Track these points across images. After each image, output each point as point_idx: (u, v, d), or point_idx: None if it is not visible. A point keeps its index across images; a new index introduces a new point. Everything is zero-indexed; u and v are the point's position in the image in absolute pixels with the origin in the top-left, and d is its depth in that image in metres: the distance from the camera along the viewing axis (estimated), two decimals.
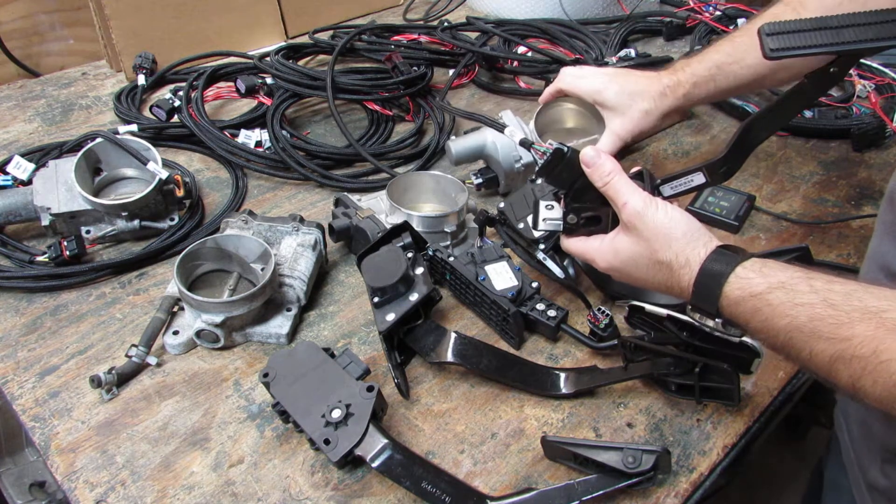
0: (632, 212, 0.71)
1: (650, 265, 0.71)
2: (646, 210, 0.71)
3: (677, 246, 0.69)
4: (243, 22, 1.64)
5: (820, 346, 0.58)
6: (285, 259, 0.97)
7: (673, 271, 0.69)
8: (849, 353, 0.56)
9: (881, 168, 1.28)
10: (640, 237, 0.71)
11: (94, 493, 0.76)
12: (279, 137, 1.25)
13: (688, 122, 1.43)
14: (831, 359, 0.57)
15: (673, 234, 0.69)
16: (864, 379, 0.55)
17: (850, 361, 0.56)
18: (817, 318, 0.58)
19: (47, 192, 1.05)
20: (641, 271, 0.73)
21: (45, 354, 0.92)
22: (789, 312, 0.60)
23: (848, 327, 0.56)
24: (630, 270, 0.74)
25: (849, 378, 0.56)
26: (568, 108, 1.21)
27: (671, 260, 0.69)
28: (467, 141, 1.16)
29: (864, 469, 0.82)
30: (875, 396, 0.55)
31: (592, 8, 1.81)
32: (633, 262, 0.73)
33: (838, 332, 0.57)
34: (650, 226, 0.70)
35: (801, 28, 0.71)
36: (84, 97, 1.50)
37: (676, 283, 0.69)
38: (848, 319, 0.57)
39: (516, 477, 0.78)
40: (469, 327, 0.97)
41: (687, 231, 0.70)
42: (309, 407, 0.76)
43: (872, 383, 0.55)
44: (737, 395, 0.78)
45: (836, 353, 0.57)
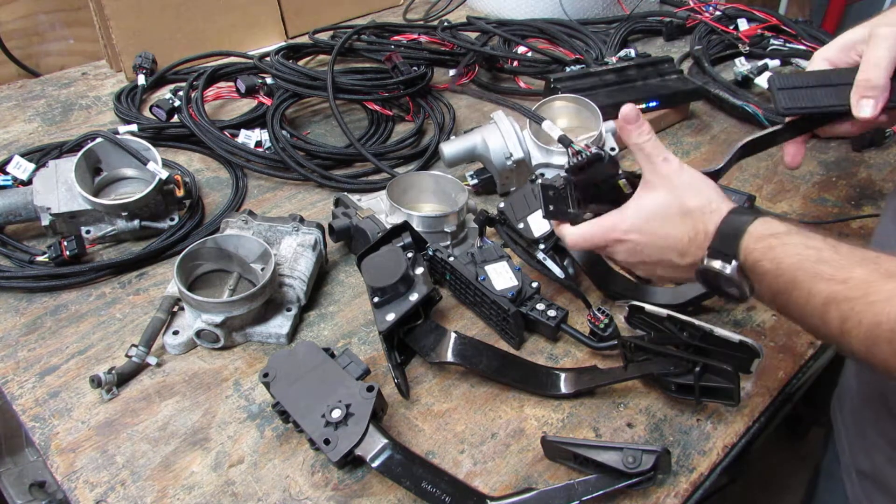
0: (670, 164, 0.72)
1: (678, 214, 0.71)
2: (681, 166, 0.73)
3: (709, 193, 0.70)
4: (243, 22, 1.64)
5: (819, 286, 0.60)
6: (285, 259, 0.97)
7: (703, 214, 0.69)
8: (842, 294, 0.58)
9: (881, 168, 1.28)
10: (673, 186, 0.72)
11: (94, 493, 0.76)
12: (279, 137, 1.25)
13: (688, 122, 1.43)
14: (826, 300, 0.59)
15: (706, 185, 0.72)
16: (851, 320, 0.57)
17: (842, 303, 0.58)
18: (823, 260, 0.60)
19: (47, 192, 1.05)
20: (667, 224, 0.72)
21: (45, 354, 0.92)
22: (800, 252, 0.62)
23: (847, 270, 0.59)
24: (655, 227, 0.73)
25: (838, 319, 0.58)
26: (563, 106, 1.22)
27: (702, 205, 0.70)
28: (459, 143, 1.17)
29: (855, 455, 0.83)
30: (859, 338, 0.56)
31: (592, 8, 1.81)
32: (661, 214, 0.72)
33: (837, 274, 0.59)
34: (685, 177, 0.72)
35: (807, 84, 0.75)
36: (84, 97, 1.50)
37: (703, 227, 0.69)
38: (848, 264, 0.59)
39: (516, 477, 0.78)
40: (469, 327, 0.97)
41: (717, 189, 0.72)
42: (309, 407, 0.76)
43: (857, 324, 0.56)
44: (737, 395, 0.78)
45: (830, 293, 0.59)
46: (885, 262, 0.58)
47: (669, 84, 1.39)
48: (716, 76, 1.48)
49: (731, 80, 1.48)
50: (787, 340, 0.94)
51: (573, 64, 1.48)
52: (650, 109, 1.37)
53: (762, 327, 0.96)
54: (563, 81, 1.34)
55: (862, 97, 0.72)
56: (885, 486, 0.78)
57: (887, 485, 0.77)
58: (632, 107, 0.75)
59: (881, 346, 0.55)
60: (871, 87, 0.71)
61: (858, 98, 0.72)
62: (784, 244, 0.63)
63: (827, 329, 0.60)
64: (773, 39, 1.62)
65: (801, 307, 0.62)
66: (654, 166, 0.73)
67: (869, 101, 0.71)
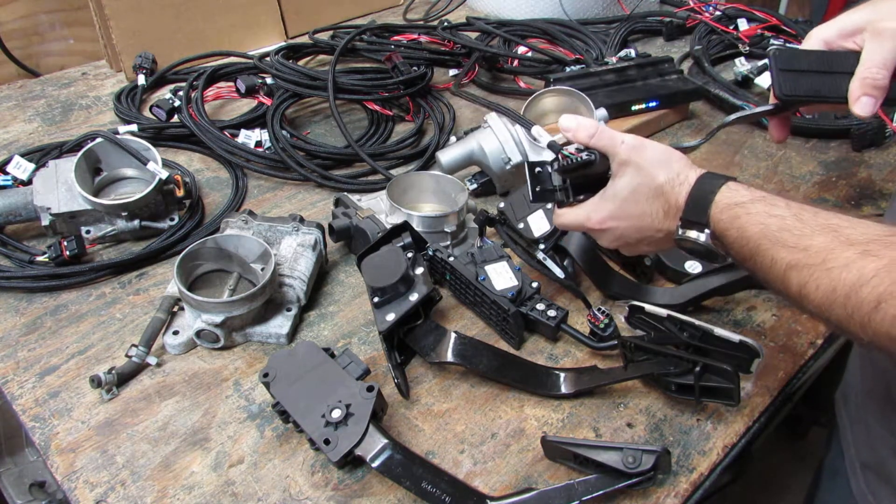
0: (630, 146, 0.75)
1: (649, 193, 0.73)
2: (642, 143, 0.75)
3: (677, 167, 0.73)
4: (243, 22, 1.64)
5: (781, 253, 0.63)
6: (285, 259, 0.97)
7: (673, 188, 0.72)
8: (803, 261, 0.61)
9: (881, 168, 1.28)
10: (639, 167, 0.74)
11: (94, 493, 0.76)
12: (279, 137, 1.25)
13: (688, 122, 1.43)
14: (787, 266, 0.62)
15: (672, 157, 0.74)
16: (809, 284, 0.60)
17: (802, 269, 0.61)
18: (785, 228, 0.63)
19: (47, 192, 1.05)
20: (641, 204, 0.74)
21: (45, 354, 0.92)
22: (763, 221, 0.65)
23: (808, 238, 0.61)
24: (629, 210, 0.75)
25: (797, 285, 0.61)
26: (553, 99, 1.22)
27: (672, 178, 0.72)
28: (455, 150, 1.17)
29: (859, 448, 0.84)
30: (816, 302, 0.60)
31: (592, 8, 1.81)
32: (632, 198, 0.74)
33: (799, 242, 0.62)
34: (649, 154, 0.74)
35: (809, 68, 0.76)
36: (84, 97, 1.50)
37: (674, 201, 0.72)
38: (810, 231, 0.62)
39: (516, 477, 0.78)
40: (469, 327, 0.97)
41: (682, 158, 0.74)
42: (309, 407, 0.76)
43: (815, 288, 0.59)
44: (737, 395, 0.77)
45: (792, 260, 0.62)
46: (846, 230, 0.60)
47: (669, 84, 1.39)
48: (716, 76, 1.48)
49: (731, 80, 1.48)
50: (787, 340, 0.94)
51: (573, 64, 1.48)
52: (650, 109, 1.37)
53: (762, 327, 0.96)
54: (562, 81, 1.34)
55: (863, 94, 0.72)
56: (889, 479, 0.78)
57: (891, 477, 0.78)
58: (564, 118, 0.78)
59: (836, 309, 0.58)
60: (875, 86, 0.71)
61: (860, 94, 0.72)
62: (749, 213, 0.66)
63: (788, 293, 0.63)
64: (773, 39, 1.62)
65: (765, 272, 0.65)
66: (616, 153, 0.75)
67: (870, 99, 0.72)
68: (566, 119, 0.78)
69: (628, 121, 1.34)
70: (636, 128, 1.35)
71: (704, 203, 0.69)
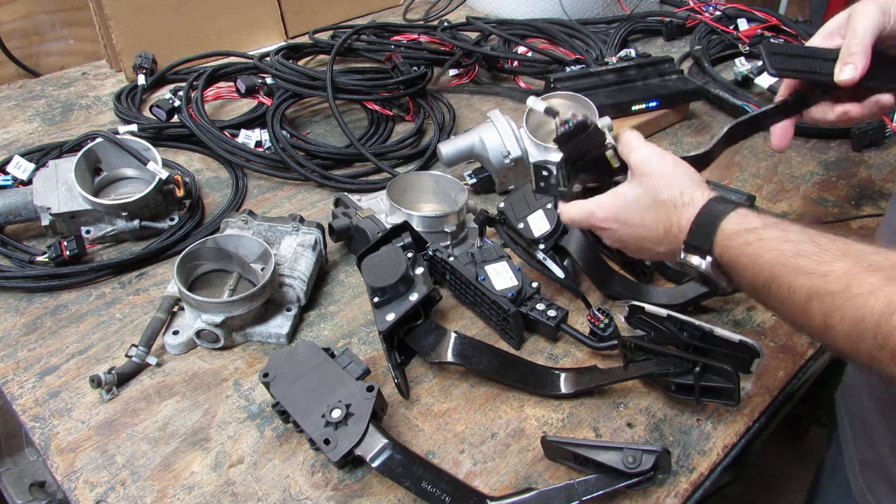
0: (641, 156, 0.73)
1: (651, 205, 0.72)
2: (653, 155, 0.73)
3: (682, 185, 0.71)
4: (243, 22, 1.64)
5: (800, 280, 0.59)
6: (285, 259, 0.97)
7: (676, 208, 0.70)
8: (824, 288, 0.57)
9: (881, 168, 1.28)
10: (645, 178, 0.72)
11: (94, 493, 0.76)
12: (279, 137, 1.25)
13: (688, 122, 1.43)
14: (808, 294, 0.58)
15: (679, 176, 0.72)
16: (834, 314, 0.56)
17: (824, 297, 0.57)
18: (802, 253, 0.60)
19: (47, 192, 1.05)
20: (642, 214, 0.73)
21: (45, 354, 0.92)
22: (777, 247, 0.62)
23: (828, 264, 0.58)
24: (629, 216, 0.74)
25: (821, 314, 0.57)
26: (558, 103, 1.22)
27: (674, 197, 0.70)
28: (457, 143, 1.17)
29: (859, 446, 0.84)
30: (842, 333, 0.56)
31: (592, 8, 1.81)
32: (634, 206, 0.73)
33: (818, 268, 0.58)
34: (658, 167, 0.72)
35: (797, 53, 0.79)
36: (84, 97, 1.50)
37: (676, 221, 0.70)
38: (830, 257, 0.58)
39: (516, 477, 0.78)
40: (469, 327, 0.97)
41: (692, 177, 0.72)
42: (309, 407, 0.76)
43: (840, 318, 0.55)
44: (737, 395, 0.78)
45: (812, 288, 0.58)
46: (869, 255, 0.57)
47: (669, 84, 1.39)
48: (716, 76, 1.48)
49: (731, 80, 1.48)
50: (787, 340, 0.94)
51: (573, 64, 1.48)
52: (650, 109, 1.37)
53: (762, 327, 0.96)
54: (563, 81, 1.34)
55: (844, 64, 0.75)
56: (889, 477, 0.78)
57: (891, 475, 0.77)
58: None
59: (866, 340, 0.54)
60: (850, 53, 0.74)
61: (841, 66, 0.75)
62: (760, 239, 0.63)
63: (810, 324, 0.59)
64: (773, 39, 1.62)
65: (782, 302, 0.62)
66: (629, 158, 0.75)
67: (848, 66, 0.74)
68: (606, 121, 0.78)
69: (628, 121, 1.34)
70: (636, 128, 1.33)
71: (709, 229, 0.67)
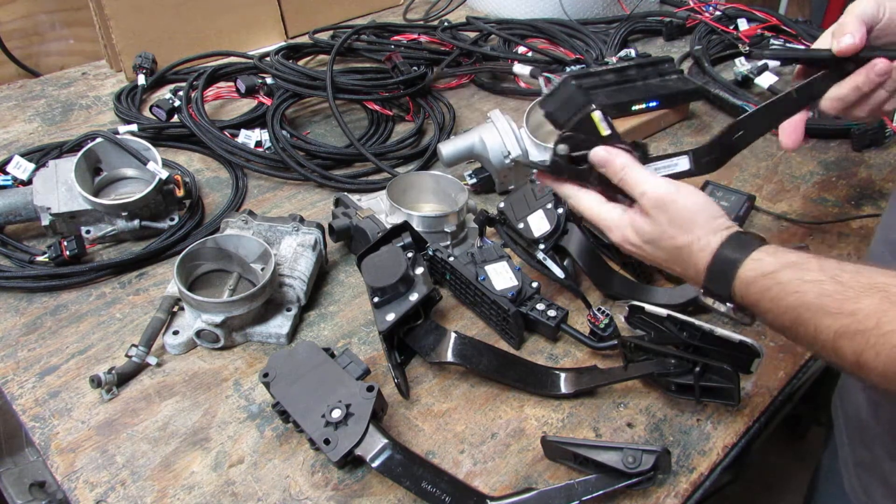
0: (652, 199, 0.71)
1: (669, 248, 0.71)
2: (667, 195, 0.70)
3: (699, 230, 0.69)
4: (243, 22, 1.64)
5: (826, 321, 0.58)
6: (285, 259, 0.97)
7: (692, 254, 0.69)
8: (853, 327, 0.56)
9: (881, 168, 1.28)
10: (661, 221, 0.71)
11: (94, 493, 0.76)
12: (279, 137, 1.25)
13: (688, 122, 1.43)
14: (836, 334, 0.57)
15: (697, 220, 0.70)
16: (867, 352, 0.55)
17: (854, 336, 0.56)
18: (825, 293, 0.58)
19: (47, 192, 1.05)
20: (659, 252, 0.72)
21: (45, 354, 0.92)
22: (798, 289, 0.60)
23: (853, 302, 0.56)
24: (647, 250, 0.73)
25: (853, 353, 0.56)
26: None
27: (691, 242, 0.69)
28: (457, 143, 1.17)
29: (854, 447, 0.83)
30: (878, 371, 0.55)
31: (592, 8, 1.81)
32: (651, 243, 0.72)
33: (844, 307, 0.57)
34: (673, 210, 0.70)
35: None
36: (84, 97, 1.50)
37: (694, 266, 0.69)
38: (854, 294, 0.57)
39: (516, 477, 0.78)
40: (469, 327, 0.97)
41: (710, 216, 0.70)
42: (309, 407, 0.76)
43: (875, 356, 0.54)
44: (737, 395, 0.78)
45: (840, 327, 0.57)
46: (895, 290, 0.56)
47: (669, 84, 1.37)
48: (716, 76, 1.48)
49: (731, 80, 1.48)
50: (787, 340, 0.94)
51: (573, 64, 1.48)
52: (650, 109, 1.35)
53: (762, 327, 0.96)
54: None
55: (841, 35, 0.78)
56: (884, 478, 0.78)
57: (886, 476, 0.77)
58: (599, 149, 0.76)
59: None
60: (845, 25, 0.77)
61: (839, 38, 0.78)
62: (779, 283, 0.62)
63: (842, 362, 0.58)
64: (773, 39, 1.62)
65: (810, 342, 0.61)
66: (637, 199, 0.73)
67: (846, 35, 0.77)
68: (597, 152, 0.76)
69: (628, 121, 1.33)
70: (636, 128, 1.35)
71: (726, 278, 0.66)
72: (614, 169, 0.74)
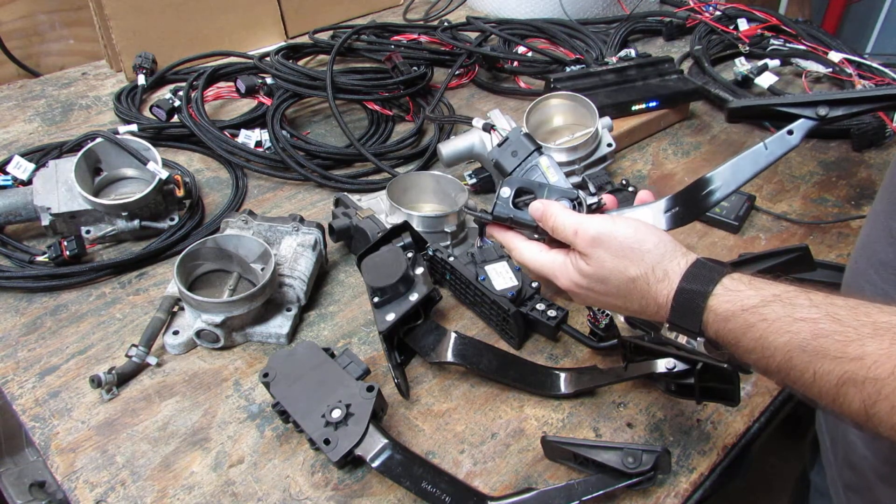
0: (586, 238, 0.66)
1: (622, 284, 0.64)
2: (603, 229, 0.65)
3: (651, 258, 0.63)
4: (243, 22, 1.64)
5: (826, 366, 0.52)
6: (285, 259, 0.97)
7: (649, 286, 0.63)
8: (861, 374, 0.50)
9: (881, 168, 1.28)
10: (602, 258, 0.65)
11: (94, 493, 0.76)
12: (279, 137, 1.25)
13: (688, 122, 1.43)
14: (839, 381, 0.51)
15: (644, 247, 0.64)
16: (880, 404, 0.49)
17: (863, 384, 0.50)
18: (822, 334, 0.52)
19: (47, 192, 1.05)
20: (612, 291, 0.66)
21: (45, 354, 0.92)
22: (789, 328, 0.54)
23: (858, 345, 0.50)
24: (599, 290, 0.67)
25: (861, 403, 0.50)
26: (558, 104, 1.22)
27: (646, 273, 0.63)
28: (457, 143, 1.17)
29: (841, 469, 0.82)
30: (892, 424, 0.49)
31: (592, 8, 1.81)
32: (601, 282, 0.66)
33: (847, 351, 0.51)
34: (613, 243, 0.64)
35: None
36: (84, 97, 1.50)
37: (653, 299, 0.62)
38: (857, 336, 0.51)
39: (516, 477, 0.78)
40: (469, 327, 0.97)
41: (658, 242, 0.64)
42: (309, 407, 0.76)
43: (890, 409, 0.48)
44: (737, 396, 0.77)
45: (844, 374, 0.51)
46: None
47: (669, 84, 1.39)
48: (716, 76, 1.48)
49: (731, 80, 1.48)
50: None
51: (573, 64, 1.48)
52: (650, 109, 1.37)
53: None
54: (563, 81, 1.34)
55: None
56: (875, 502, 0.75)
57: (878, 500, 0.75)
58: (534, 205, 0.72)
59: None
60: None
61: None
62: (766, 320, 0.55)
63: (844, 410, 0.52)
64: (773, 39, 1.62)
65: (805, 387, 0.54)
66: (573, 243, 0.68)
67: None
68: (535, 206, 0.72)
69: (628, 121, 1.34)
70: (636, 128, 1.35)
71: (695, 310, 0.59)
72: (548, 216, 0.70)
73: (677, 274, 0.61)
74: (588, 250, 0.66)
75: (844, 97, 0.81)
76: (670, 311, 0.61)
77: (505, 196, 0.75)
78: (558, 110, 1.22)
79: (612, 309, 0.69)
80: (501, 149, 0.79)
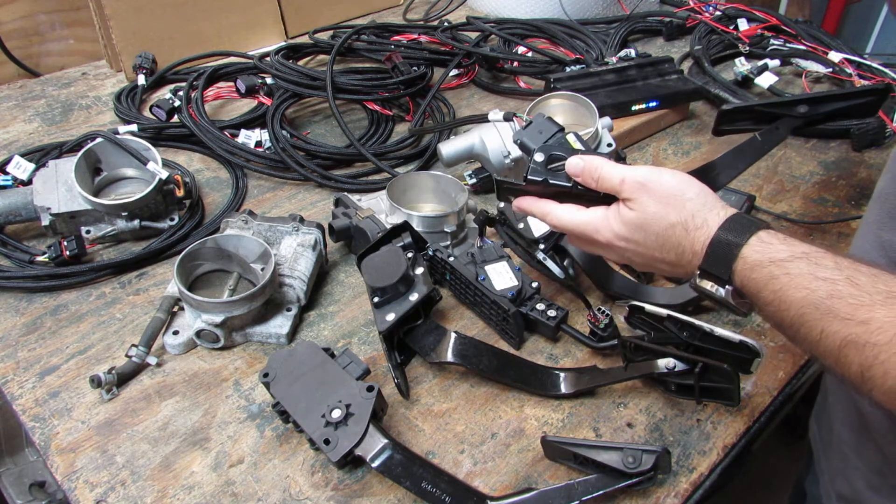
0: (632, 184, 0.67)
1: (661, 231, 0.65)
2: (650, 176, 0.66)
3: (692, 206, 0.64)
4: (243, 22, 1.64)
5: (834, 326, 0.53)
6: (285, 259, 0.97)
7: (688, 232, 0.64)
8: (863, 338, 0.51)
9: (881, 168, 1.27)
10: (646, 203, 0.66)
11: (94, 493, 0.76)
12: (279, 137, 1.25)
13: (688, 122, 1.43)
14: (843, 342, 0.53)
15: (686, 195, 0.65)
16: (875, 368, 0.51)
17: (864, 347, 0.51)
18: (837, 295, 0.53)
19: (47, 192, 1.05)
20: (650, 241, 0.67)
21: (45, 354, 0.92)
22: (808, 285, 0.55)
23: (867, 309, 0.52)
24: (638, 239, 0.68)
25: (858, 366, 0.52)
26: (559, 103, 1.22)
27: (686, 220, 0.64)
28: (457, 143, 1.17)
29: (833, 478, 0.81)
30: (884, 388, 0.51)
31: (592, 8, 1.81)
32: (641, 229, 0.67)
33: (856, 314, 0.52)
34: (658, 189, 0.65)
35: None
36: (84, 97, 1.50)
37: (690, 245, 0.64)
38: (869, 301, 0.52)
39: (516, 477, 0.78)
40: (469, 327, 0.97)
41: (700, 192, 0.65)
42: (309, 407, 0.76)
43: (883, 374, 0.50)
44: (737, 396, 0.77)
45: (849, 335, 0.52)
46: None
47: (669, 84, 1.39)
48: (716, 76, 1.48)
49: (731, 80, 1.48)
50: (787, 340, 0.94)
51: (573, 64, 1.48)
52: (650, 109, 1.37)
53: (762, 327, 0.96)
54: (563, 81, 1.34)
55: None
56: None
57: None
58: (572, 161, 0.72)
59: None
60: None
61: None
62: (789, 274, 0.57)
63: (843, 371, 0.54)
64: (773, 39, 1.62)
65: (811, 344, 0.56)
66: (619, 192, 0.68)
67: None
68: (573, 162, 0.72)
69: (628, 121, 1.34)
70: (636, 128, 1.35)
71: (728, 257, 0.61)
72: (591, 170, 0.70)
73: (716, 223, 0.63)
74: (634, 194, 0.67)
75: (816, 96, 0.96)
76: (704, 257, 0.63)
77: (539, 160, 0.75)
78: (558, 110, 1.22)
79: (648, 263, 0.70)
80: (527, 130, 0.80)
